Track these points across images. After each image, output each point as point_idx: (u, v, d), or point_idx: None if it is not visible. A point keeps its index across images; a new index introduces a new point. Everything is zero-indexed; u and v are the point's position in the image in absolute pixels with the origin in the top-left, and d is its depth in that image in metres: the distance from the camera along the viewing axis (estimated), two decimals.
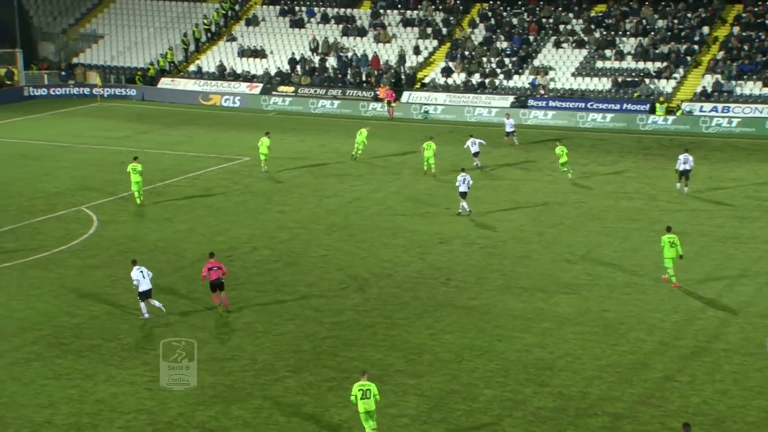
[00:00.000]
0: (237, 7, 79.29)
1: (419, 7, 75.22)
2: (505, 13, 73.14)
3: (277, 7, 78.20)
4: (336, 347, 27.00)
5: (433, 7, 75.00)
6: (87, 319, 28.96)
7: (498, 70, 67.92)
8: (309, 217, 40.16)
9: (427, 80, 68.58)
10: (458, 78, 68.11)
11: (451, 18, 73.93)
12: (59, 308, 29.78)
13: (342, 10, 76.74)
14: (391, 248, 35.96)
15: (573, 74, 66.57)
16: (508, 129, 54.75)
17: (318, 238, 37.17)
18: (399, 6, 75.93)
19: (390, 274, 33.07)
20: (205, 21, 77.27)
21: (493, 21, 72.48)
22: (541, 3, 72.67)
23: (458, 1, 74.99)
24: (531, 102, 64.33)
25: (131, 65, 75.39)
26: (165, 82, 72.44)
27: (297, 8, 77.74)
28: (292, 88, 69.47)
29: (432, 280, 32.48)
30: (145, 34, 78.18)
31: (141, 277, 28.85)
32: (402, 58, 70.55)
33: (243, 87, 70.42)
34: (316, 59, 72.16)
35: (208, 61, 74.37)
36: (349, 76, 70.08)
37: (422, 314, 29.46)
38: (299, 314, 29.46)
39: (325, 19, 76.08)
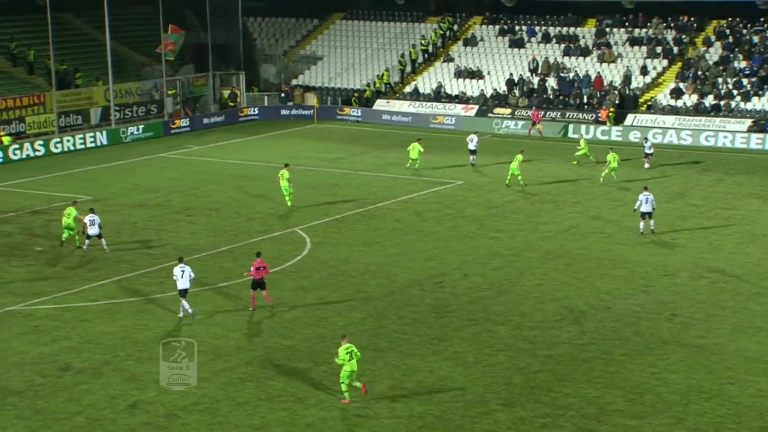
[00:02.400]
0: (455, 27, 78.91)
1: (648, 24, 72.22)
2: (744, 31, 69.02)
3: (497, 27, 77.15)
4: (550, 382, 25.71)
5: (663, 24, 71.78)
6: (299, 342, 28.81)
7: (734, 92, 64.12)
8: (523, 244, 38.85)
9: (654, 102, 65.65)
10: (689, 100, 64.84)
11: (684, 36, 70.51)
12: (272, 329, 29.81)
13: (565, 28, 74.83)
14: (610, 279, 34.21)
15: None
16: (648, 150, 53.68)
17: (532, 267, 35.82)
18: (626, 24, 73.09)
19: (609, 307, 31.40)
20: (423, 41, 77.14)
21: (730, 39, 68.53)
22: None
23: (692, 18, 71.28)
24: None
25: (348, 87, 76.33)
26: (380, 104, 72.81)
27: (517, 28, 76.42)
28: (509, 110, 68.28)
29: (655, 315, 30.55)
30: (362, 55, 79.05)
31: (179, 276, 30.25)
32: (627, 79, 67.94)
33: (458, 109, 69.81)
34: (535, 80, 70.68)
35: (423, 82, 74.30)
36: (569, 98, 68.14)
37: (644, 351, 27.70)
38: (511, 345, 28.33)
39: (546, 38, 74.42)
